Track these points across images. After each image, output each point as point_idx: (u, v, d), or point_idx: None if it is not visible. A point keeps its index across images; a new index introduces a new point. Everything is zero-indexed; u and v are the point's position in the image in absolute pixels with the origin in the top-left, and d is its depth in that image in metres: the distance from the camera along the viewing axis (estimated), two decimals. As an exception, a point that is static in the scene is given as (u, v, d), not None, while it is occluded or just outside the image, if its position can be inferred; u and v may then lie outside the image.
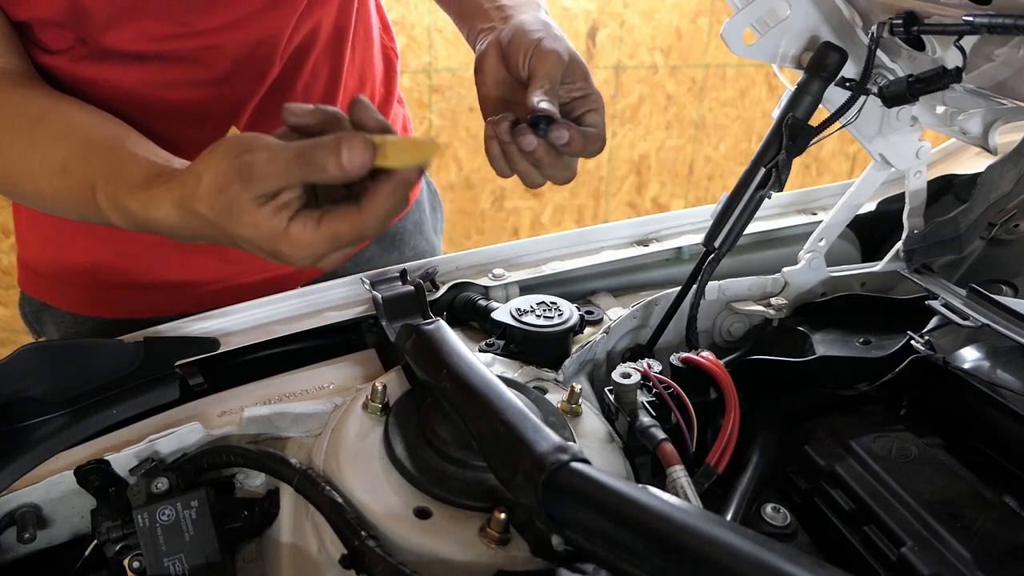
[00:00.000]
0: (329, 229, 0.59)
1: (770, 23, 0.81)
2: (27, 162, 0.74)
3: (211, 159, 0.60)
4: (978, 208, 0.91)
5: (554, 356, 0.79)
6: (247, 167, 0.58)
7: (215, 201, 0.59)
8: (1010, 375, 0.73)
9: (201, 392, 0.79)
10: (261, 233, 0.59)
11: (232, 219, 0.59)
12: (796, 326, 0.87)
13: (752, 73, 3.00)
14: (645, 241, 1.01)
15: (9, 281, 2.50)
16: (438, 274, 0.91)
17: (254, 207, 0.58)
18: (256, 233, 0.59)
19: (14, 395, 0.69)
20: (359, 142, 0.56)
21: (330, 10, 0.92)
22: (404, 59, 2.56)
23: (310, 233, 0.59)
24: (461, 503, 0.60)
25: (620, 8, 2.73)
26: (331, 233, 0.59)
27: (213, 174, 0.59)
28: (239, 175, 0.58)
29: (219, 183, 0.59)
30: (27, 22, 0.77)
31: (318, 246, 0.60)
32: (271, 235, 0.59)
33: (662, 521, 0.47)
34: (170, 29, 0.80)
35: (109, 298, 1.00)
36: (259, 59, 0.87)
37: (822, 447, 0.71)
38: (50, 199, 0.75)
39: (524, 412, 0.59)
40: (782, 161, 0.79)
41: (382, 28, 1.09)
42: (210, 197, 0.59)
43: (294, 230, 0.59)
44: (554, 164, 0.73)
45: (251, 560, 0.67)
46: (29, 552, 0.66)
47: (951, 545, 0.60)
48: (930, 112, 0.89)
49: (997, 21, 0.61)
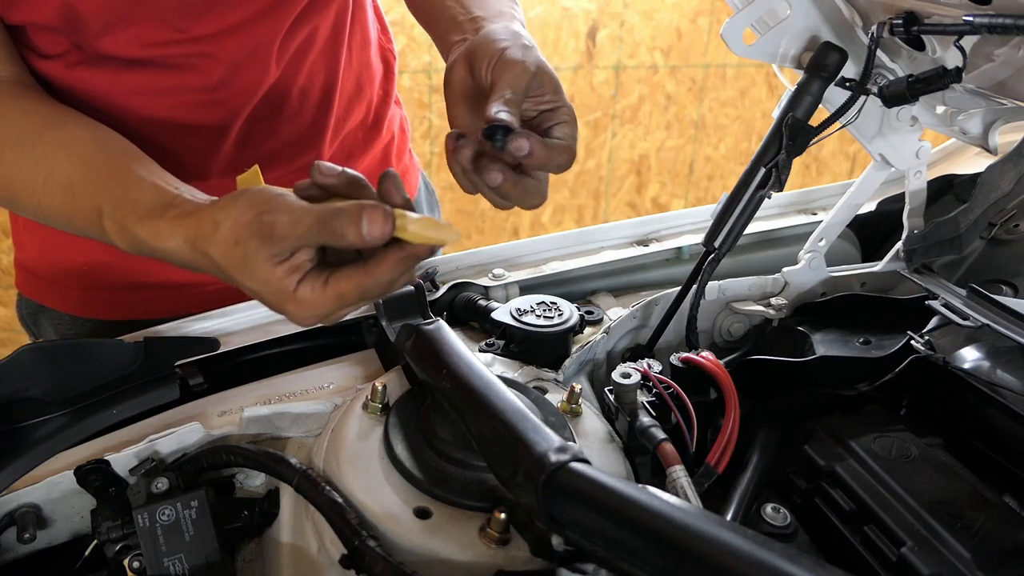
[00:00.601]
0: (335, 290, 0.60)
1: (770, 23, 0.81)
2: (30, 178, 0.74)
3: (231, 210, 0.61)
4: (978, 208, 0.91)
5: (554, 356, 0.79)
6: (268, 227, 0.58)
7: (230, 252, 0.60)
8: (1010, 375, 0.73)
9: (201, 392, 0.79)
10: (271, 289, 0.61)
11: (244, 272, 0.60)
12: (796, 326, 0.87)
13: (752, 73, 3.00)
14: (645, 241, 1.01)
15: (9, 281, 2.50)
16: (438, 274, 0.91)
17: (268, 265, 0.59)
18: (266, 289, 0.61)
19: (14, 395, 0.69)
20: (380, 214, 0.57)
21: (327, 15, 0.92)
22: (404, 59, 2.56)
23: (317, 294, 0.60)
24: (461, 503, 0.60)
25: (620, 8, 2.73)
26: (336, 294, 0.60)
27: (231, 227, 0.60)
28: (258, 233, 0.59)
29: (236, 237, 0.60)
30: (22, 26, 0.77)
31: (322, 306, 0.61)
32: (279, 293, 0.61)
33: (662, 521, 0.47)
34: (165, 35, 0.80)
35: (107, 300, 1.00)
36: (254, 65, 0.87)
37: (822, 447, 0.71)
38: (53, 216, 0.75)
39: (524, 412, 0.59)
40: (782, 161, 0.79)
41: (380, 29, 1.09)
42: (225, 246, 0.60)
43: (302, 291, 0.60)
44: (521, 193, 0.71)
45: (251, 560, 0.67)
46: (29, 552, 0.66)
47: (951, 545, 0.60)
48: (930, 112, 0.89)
49: (997, 21, 0.61)
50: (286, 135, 0.94)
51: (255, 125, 0.91)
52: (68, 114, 0.78)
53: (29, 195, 0.74)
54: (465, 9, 0.82)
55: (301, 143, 0.97)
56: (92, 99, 0.82)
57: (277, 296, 0.61)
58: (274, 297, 0.61)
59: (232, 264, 0.60)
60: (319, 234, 0.58)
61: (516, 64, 0.71)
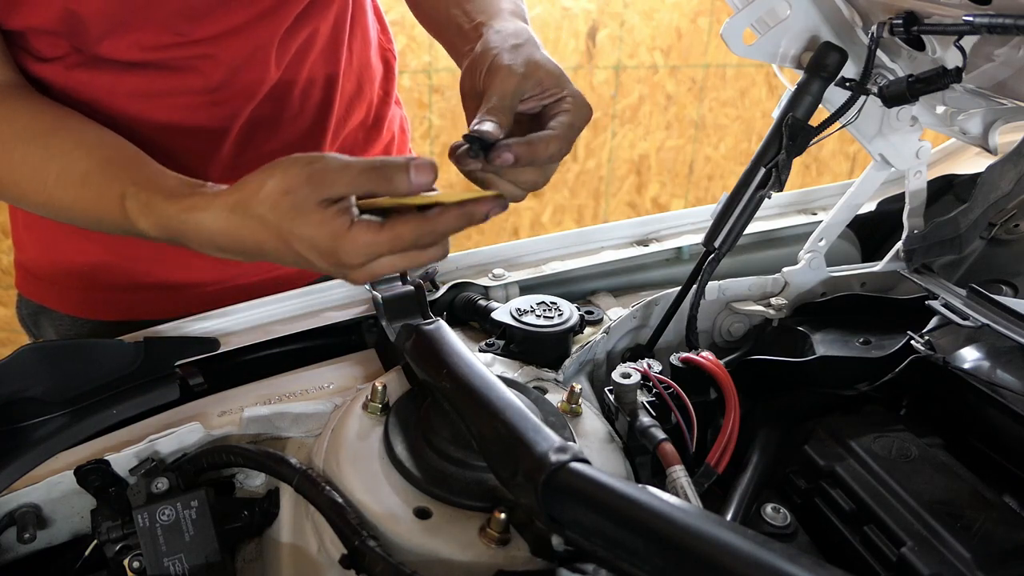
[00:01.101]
0: (391, 231, 0.62)
1: (770, 23, 0.81)
2: (41, 174, 0.74)
3: (275, 168, 0.62)
4: (978, 208, 0.91)
5: (554, 356, 0.79)
6: (318, 173, 0.61)
7: (279, 202, 0.61)
8: (1010, 375, 0.73)
9: (201, 392, 0.79)
10: (325, 231, 0.61)
11: (296, 218, 0.61)
12: (796, 326, 0.87)
13: (752, 73, 3.00)
14: (645, 241, 1.01)
15: (9, 281, 2.50)
16: (438, 274, 0.91)
17: (320, 208, 0.61)
18: (319, 231, 0.61)
19: (14, 395, 0.69)
20: (428, 164, 0.61)
21: (327, 16, 0.92)
22: (404, 59, 2.56)
23: (372, 233, 0.62)
24: (461, 503, 0.60)
25: (620, 8, 2.73)
26: (392, 235, 0.62)
27: (280, 180, 0.62)
28: (309, 180, 0.61)
29: (286, 186, 0.61)
30: (21, 31, 0.77)
31: (376, 246, 0.62)
32: (334, 233, 0.61)
33: (662, 521, 0.47)
34: (166, 38, 0.80)
35: (107, 300, 1.00)
36: (254, 67, 0.87)
37: (822, 447, 0.71)
38: (65, 208, 0.75)
39: (524, 412, 0.59)
40: (782, 161, 0.79)
41: (380, 29, 1.09)
42: (274, 198, 0.62)
43: (357, 229, 0.61)
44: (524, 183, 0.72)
45: (251, 560, 0.67)
46: (29, 552, 0.66)
47: (951, 545, 0.60)
48: (930, 112, 0.89)
49: (997, 21, 0.61)
50: (286, 136, 0.94)
51: (256, 126, 0.91)
52: (75, 115, 0.78)
53: (40, 190, 0.75)
54: (468, 16, 0.82)
55: (301, 144, 0.97)
56: (91, 101, 0.82)
57: (331, 236, 0.61)
58: (327, 239, 0.62)
59: (281, 214, 0.62)
60: (369, 179, 0.61)
61: (501, 70, 0.71)
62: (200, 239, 0.67)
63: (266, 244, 0.64)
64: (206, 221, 0.65)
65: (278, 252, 0.64)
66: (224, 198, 0.65)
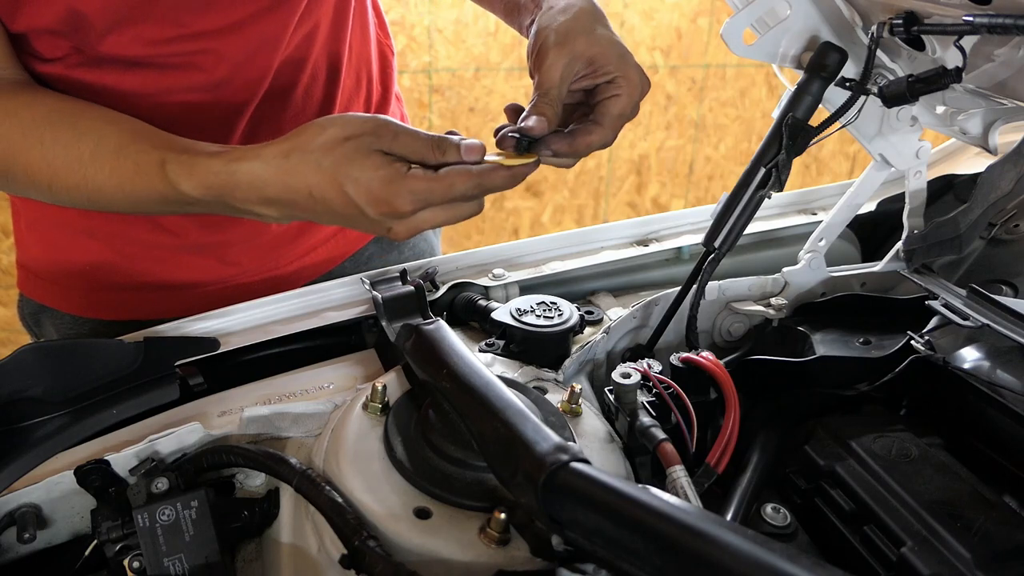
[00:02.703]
0: (448, 179, 0.66)
1: (770, 23, 0.81)
2: (74, 151, 0.74)
3: (334, 119, 0.66)
4: (978, 208, 0.91)
5: (554, 356, 0.79)
6: (385, 126, 0.65)
7: (339, 147, 0.65)
8: (1010, 375, 0.73)
9: (201, 392, 0.79)
10: (382, 174, 0.64)
11: (354, 161, 0.64)
12: (796, 326, 0.87)
13: (752, 73, 3.00)
14: (645, 241, 1.01)
15: (9, 281, 2.50)
16: (438, 274, 0.91)
17: (378, 155, 0.65)
18: (376, 174, 0.64)
19: (14, 395, 0.69)
20: (477, 145, 0.68)
21: (327, 11, 0.92)
22: (404, 59, 2.56)
23: (428, 180, 0.65)
24: (461, 503, 0.60)
25: (620, 8, 2.73)
26: (448, 183, 0.66)
27: (342, 127, 0.65)
28: (375, 130, 0.65)
29: (348, 133, 0.65)
30: (23, 32, 0.77)
31: (432, 193, 0.65)
32: (390, 176, 0.65)
33: (662, 521, 0.47)
34: (169, 32, 0.80)
35: (108, 300, 1.00)
36: (257, 63, 0.87)
37: (822, 447, 0.71)
38: (101, 185, 0.75)
39: (524, 412, 0.59)
40: (782, 161, 0.79)
41: (378, 24, 1.09)
42: (333, 143, 0.65)
43: (414, 175, 0.65)
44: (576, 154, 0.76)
45: (251, 560, 0.67)
46: (29, 552, 0.66)
47: (951, 545, 0.60)
48: (930, 112, 0.89)
49: (997, 21, 0.61)
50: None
51: (259, 123, 0.91)
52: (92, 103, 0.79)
53: (75, 169, 0.74)
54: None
55: None
56: (94, 100, 0.82)
57: (386, 181, 0.64)
58: (382, 184, 0.64)
59: (339, 157, 0.64)
60: (426, 147, 0.65)
61: (549, 54, 0.73)
62: (249, 190, 0.68)
63: (316, 189, 0.65)
64: (256, 169, 0.67)
65: (326, 199, 0.66)
66: (277, 146, 0.67)
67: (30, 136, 0.74)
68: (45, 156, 0.74)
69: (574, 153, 0.75)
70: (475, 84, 2.68)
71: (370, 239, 1.13)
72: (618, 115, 0.75)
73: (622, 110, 0.75)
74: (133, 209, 0.77)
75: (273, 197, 0.68)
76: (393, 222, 0.67)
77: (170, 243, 0.97)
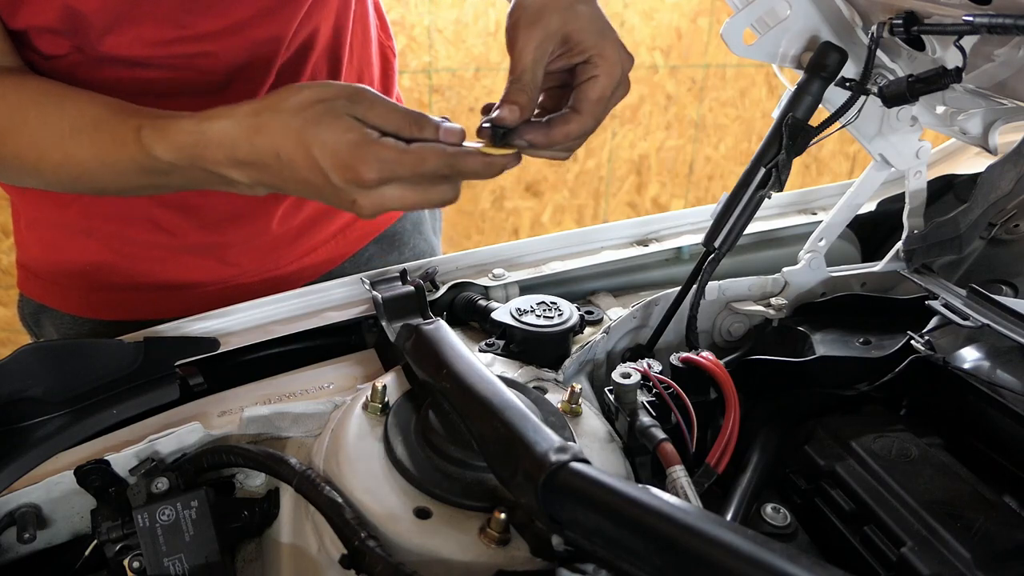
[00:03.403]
0: (418, 153, 0.62)
1: (770, 23, 0.81)
2: (57, 128, 0.73)
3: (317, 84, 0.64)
4: (978, 208, 0.91)
5: (554, 356, 0.79)
6: (360, 92, 0.62)
7: (310, 107, 0.62)
8: (1010, 375, 0.73)
9: (201, 392, 0.79)
10: (349, 138, 0.61)
11: (322, 122, 0.61)
12: (796, 326, 0.87)
13: (752, 73, 3.00)
14: (645, 241, 1.01)
15: (9, 281, 2.50)
16: (438, 274, 0.91)
17: (349, 119, 0.62)
18: (343, 137, 0.61)
19: (14, 395, 0.69)
20: (457, 129, 0.64)
21: (328, 13, 0.92)
22: (404, 59, 2.56)
23: (397, 151, 0.62)
24: (461, 503, 0.60)
25: (620, 8, 2.73)
26: (418, 157, 0.62)
27: (318, 90, 0.63)
28: (351, 96, 0.62)
29: (322, 95, 0.62)
30: (23, 29, 0.77)
31: (400, 165, 0.62)
32: (358, 141, 0.61)
33: (662, 521, 0.47)
34: (168, 33, 0.80)
35: (108, 300, 1.00)
36: (257, 66, 0.87)
37: (822, 447, 0.71)
38: (82, 159, 0.74)
39: (524, 412, 0.59)
40: (782, 161, 0.79)
41: (379, 26, 1.09)
42: (304, 103, 0.62)
43: (383, 143, 0.62)
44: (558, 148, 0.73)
45: (251, 560, 0.67)
46: (29, 552, 0.66)
47: (951, 545, 0.60)
48: (930, 112, 0.89)
49: (997, 21, 0.61)
50: None
51: None
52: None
53: (57, 144, 0.74)
54: None
55: None
56: None
57: (353, 146, 0.61)
58: (349, 148, 0.61)
59: (308, 118, 0.62)
60: (402, 120, 0.63)
61: (521, 34, 0.69)
62: (220, 149, 0.66)
63: (283, 150, 0.63)
64: (227, 128, 0.65)
65: (292, 162, 0.63)
66: (249, 105, 0.65)
67: (16, 117, 0.74)
68: (32, 136, 0.74)
69: (550, 144, 0.70)
70: (475, 84, 2.68)
71: (370, 240, 1.13)
72: (597, 99, 0.70)
73: (601, 93, 0.70)
74: (116, 184, 0.75)
75: (243, 159, 0.65)
76: (358, 193, 0.63)
77: (169, 243, 0.97)
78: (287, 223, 1.02)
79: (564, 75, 0.73)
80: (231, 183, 0.69)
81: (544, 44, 0.69)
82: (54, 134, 0.74)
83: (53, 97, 0.75)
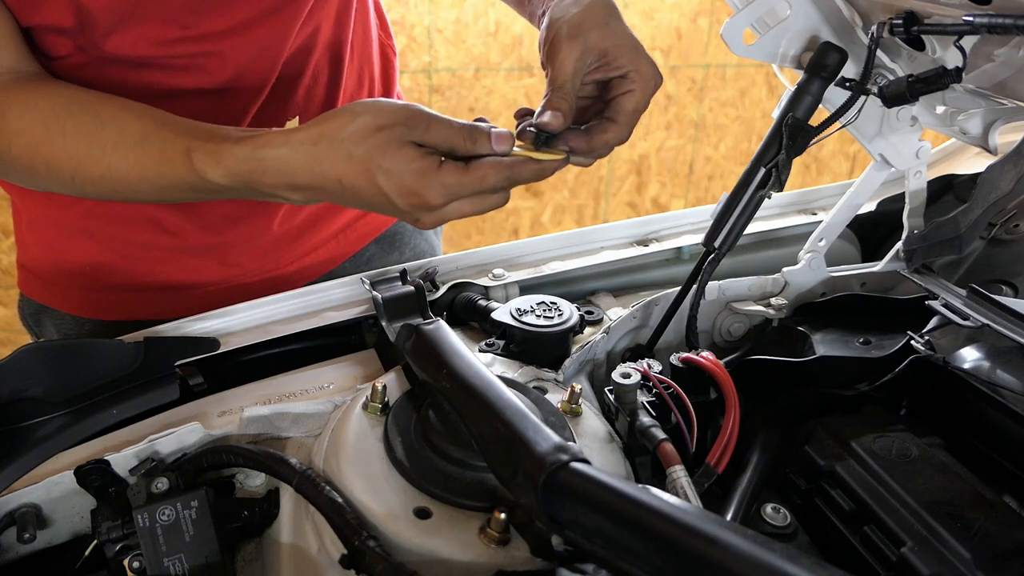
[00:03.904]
0: (478, 172, 0.66)
1: (770, 23, 0.81)
2: (97, 140, 0.73)
3: (365, 106, 0.65)
4: (978, 208, 0.91)
5: (554, 356, 0.79)
6: (417, 116, 0.64)
7: (369, 137, 0.64)
8: (1010, 375, 0.73)
9: (201, 392, 0.79)
10: (414, 167, 0.64)
11: (386, 152, 0.64)
12: (796, 326, 0.87)
13: (752, 73, 3.00)
14: (645, 241, 1.01)
15: (9, 281, 2.50)
16: (438, 274, 0.91)
17: (411, 147, 0.64)
18: (408, 167, 0.64)
19: (14, 395, 0.69)
20: (507, 133, 0.68)
21: (328, 12, 0.92)
22: (404, 59, 2.56)
23: (459, 174, 0.65)
24: (461, 503, 0.60)
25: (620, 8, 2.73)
26: (479, 176, 0.66)
27: (374, 116, 0.64)
28: (408, 120, 0.64)
29: (381, 123, 0.64)
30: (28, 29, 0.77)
31: (463, 186, 0.66)
32: (423, 170, 0.64)
33: (662, 521, 0.47)
34: (173, 32, 0.80)
35: (109, 300, 1.00)
36: (261, 66, 0.87)
37: (822, 447, 0.71)
38: (124, 175, 0.74)
39: (524, 412, 0.59)
40: (782, 161, 0.79)
41: (379, 25, 1.09)
42: (364, 133, 0.64)
43: (447, 169, 0.65)
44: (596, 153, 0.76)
45: (251, 560, 0.67)
46: (29, 552, 0.66)
47: (951, 545, 0.60)
48: (930, 112, 0.89)
49: (997, 21, 0.61)
50: None
51: (260, 124, 0.91)
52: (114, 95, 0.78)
53: (99, 159, 0.74)
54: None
55: None
56: None
57: (418, 175, 0.64)
58: (414, 177, 0.64)
59: (371, 147, 0.64)
60: (458, 137, 0.66)
61: (560, 48, 0.73)
62: (277, 176, 0.67)
63: (347, 178, 0.65)
64: (284, 155, 0.66)
65: (356, 188, 0.66)
66: (305, 132, 0.66)
67: (52, 128, 0.74)
68: (67, 147, 0.74)
69: (591, 151, 0.75)
70: (475, 84, 2.68)
71: (371, 240, 1.13)
72: (632, 111, 0.75)
73: (636, 106, 0.75)
74: (158, 197, 0.77)
75: (304, 183, 0.68)
76: (422, 213, 0.68)
77: (170, 244, 0.97)
78: (288, 223, 1.02)
79: (596, 87, 0.78)
80: (286, 199, 0.71)
81: (583, 57, 0.73)
82: (94, 147, 0.74)
83: (88, 107, 0.75)
